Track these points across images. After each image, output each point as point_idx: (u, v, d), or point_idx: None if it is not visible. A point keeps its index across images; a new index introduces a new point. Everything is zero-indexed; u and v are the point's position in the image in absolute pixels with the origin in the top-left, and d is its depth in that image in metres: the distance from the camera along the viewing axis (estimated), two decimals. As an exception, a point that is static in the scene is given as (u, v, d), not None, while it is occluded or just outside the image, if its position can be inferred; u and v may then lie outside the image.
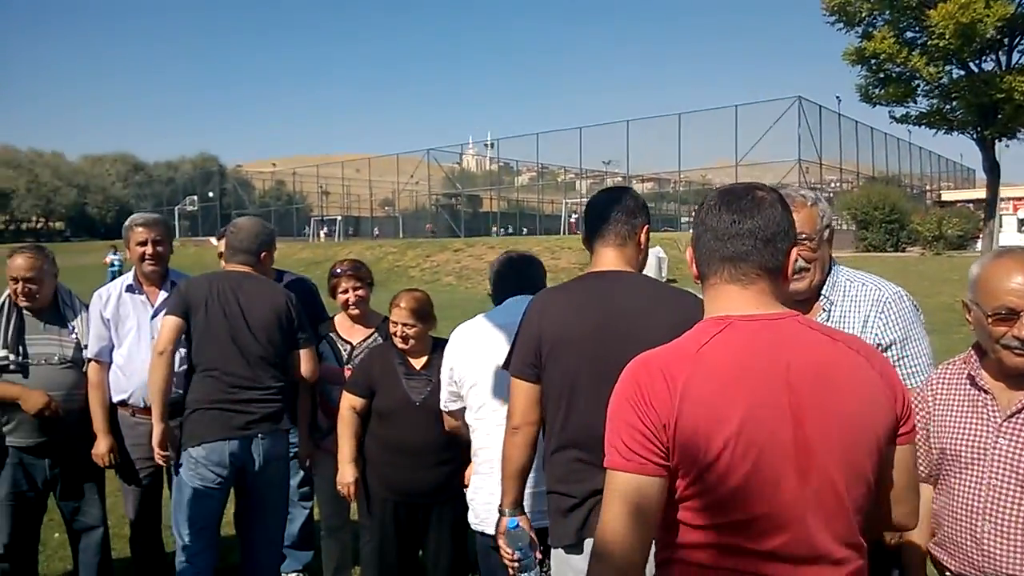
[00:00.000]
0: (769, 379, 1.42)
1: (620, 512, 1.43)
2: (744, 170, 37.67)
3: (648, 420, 1.43)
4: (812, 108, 34.96)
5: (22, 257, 3.53)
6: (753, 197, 1.54)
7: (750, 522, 1.41)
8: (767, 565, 1.41)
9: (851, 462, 1.44)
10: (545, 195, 52.72)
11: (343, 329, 3.78)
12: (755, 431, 1.39)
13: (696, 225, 1.60)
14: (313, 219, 55.17)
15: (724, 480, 1.39)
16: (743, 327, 1.47)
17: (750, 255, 1.50)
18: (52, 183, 69.46)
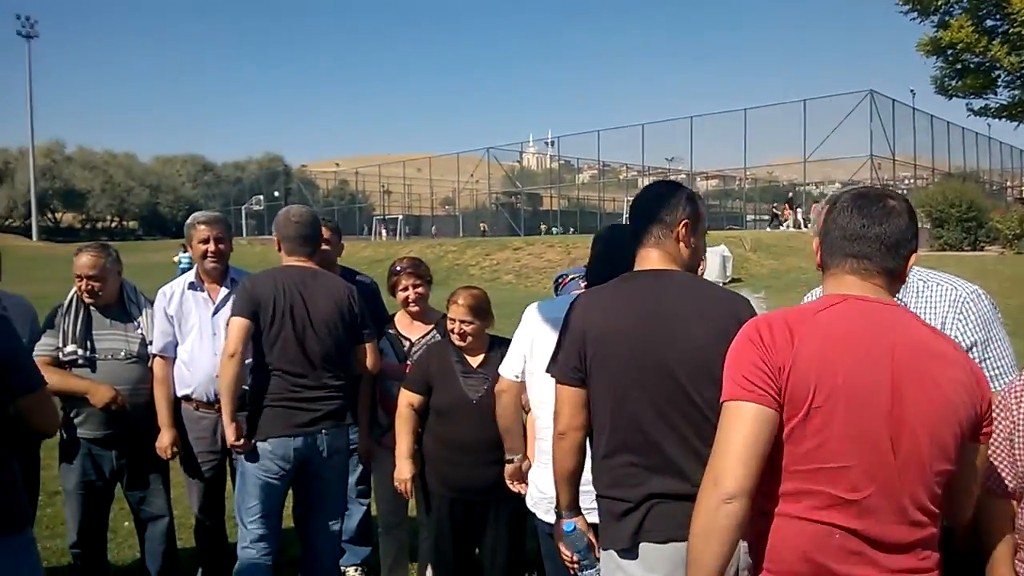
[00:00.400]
0: (876, 349, 1.59)
1: (737, 440, 1.59)
2: (813, 166, 36.70)
3: (769, 360, 1.60)
4: (885, 102, 33.74)
5: (86, 255, 3.61)
6: (884, 205, 1.71)
7: (843, 471, 1.56)
8: (854, 518, 1.56)
9: (937, 440, 1.58)
10: (606, 193, 52.27)
11: (402, 326, 3.80)
12: (857, 390, 1.56)
13: (827, 221, 1.76)
14: (375, 218, 55.96)
15: (823, 428, 1.57)
16: (859, 303, 1.66)
17: (873, 257, 1.69)
18: (126, 183, 72.03)
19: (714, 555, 1.59)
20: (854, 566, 1.57)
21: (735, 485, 1.57)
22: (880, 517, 1.57)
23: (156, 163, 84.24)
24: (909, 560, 1.59)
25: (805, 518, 1.59)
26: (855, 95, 33.34)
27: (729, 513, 1.57)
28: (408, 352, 3.72)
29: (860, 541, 1.57)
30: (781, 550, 1.62)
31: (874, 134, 32.75)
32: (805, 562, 1.59)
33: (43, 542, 4.37)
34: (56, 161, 70.43)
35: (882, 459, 1.56)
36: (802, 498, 1.60)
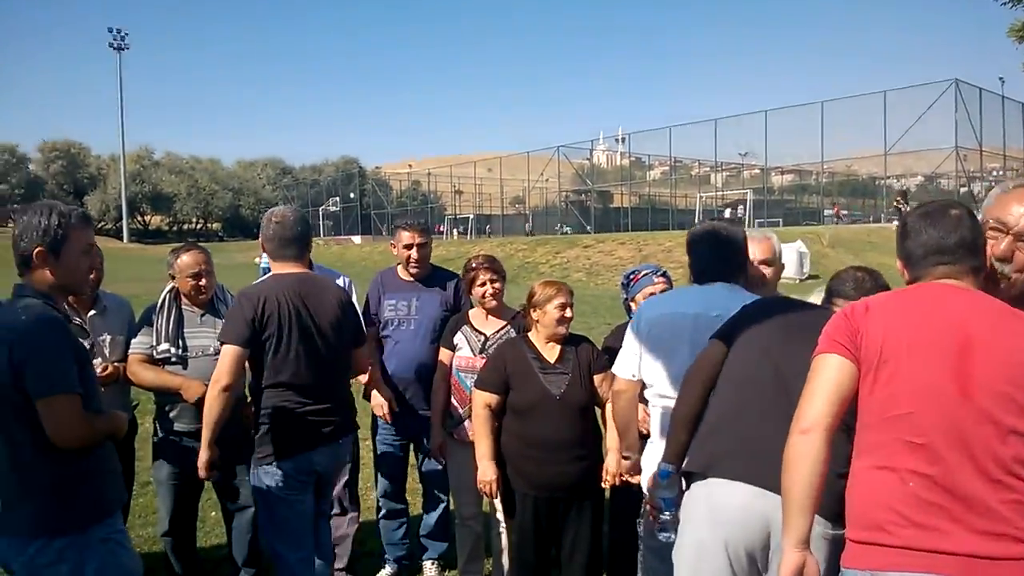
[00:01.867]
0: (945, 314, 1.80)
1: (816, 383, 1.84)
2: (894, 159, 35.35)
3: (848, 326, 1.85)
4: (971, 91, 32.24)
5: (189, 255, 3.76)
6: (950, 215, 1.92)
7: (907, 416, 1.72)
8: (924, 462, 1.68)
9: (1014, 397, 1.68)
10: (678, 189, 51.56)
11: (478, 321, 3.85)
12: (920, 346, 1.75)
13: (904, 246, 1.98)
14: (447, 217, 56.54)
15: (890, 380, 1.76)
16: (935, 286, 1.89)
17: (959, 262, 1.89)
18: (210, 187, 74.63)
19: (794, 482, 1.78)
20: (935, 518, 1.66)
21: (811, 419, 1.79)
22: (951, 465, 1.67)
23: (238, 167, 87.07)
24: (1000, 525, 1.63)
25: (881, 467, 1.74)
26: (939, 84, 31.96)
27: (804, 442, 1.78)
28: (483, 346, 3.77)
29: (937, 491, 1.67)
30: (863, 503, 1.77)
31: (959, 124, 31.32)
32: (886, 510, 1.71)
33: (136, 530, 4.62)
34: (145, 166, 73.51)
35: (946, 408, 1.70)
36: (877, 449, 1.77)
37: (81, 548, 2.40)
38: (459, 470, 3.90)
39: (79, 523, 2.41)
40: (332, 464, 3.44)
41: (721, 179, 49.59)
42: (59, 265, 2.47)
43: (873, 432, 1.78)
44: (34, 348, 2.32)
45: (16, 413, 2.33)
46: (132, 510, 4.69)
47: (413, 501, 4.83)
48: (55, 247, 2.45)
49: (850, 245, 25.89)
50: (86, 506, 2.44)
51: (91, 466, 2.47)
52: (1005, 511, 1.64)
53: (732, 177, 50.17)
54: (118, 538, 2.55)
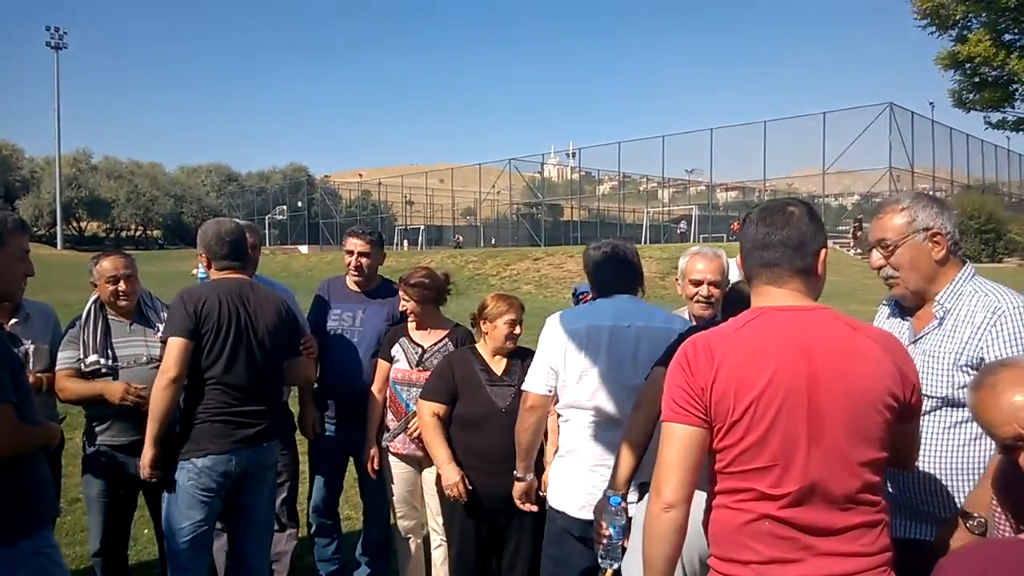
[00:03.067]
0: (790, 357, 1.74)
1: (669, 456, 1.80)
2: (832, 178, 36.45)
3: (692, 383, 1.78)
4: (904, 114, 33.51)
5: (109, 260, 3.66)
6: (784, 212, 1.87)
7: (767, 470, 1.73)
8: (782, 508, 1.72)
9: (859, 428, 1.73)
10: (627, 204, 52.23)
11: (414, 333, 3.83)
12: (774, 397, 1.72)
13: (741, 237, 1.94)
14: (397, 228, 56.25)
15: (748, 433, 1.73)
16: (774, 315, 1.81)
17: (781, 261, 1.84)
18: (151, 193, 72.75)
19: (660, 555, 1.82)
20: (787, 551, 1.73)
21: (672, 495, 1.78)
22: (808, 507, 1.73)
23: (181, 173, 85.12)
24: (845, 543, 1.73)
25: (739, 508, 1.78)
26: (874, 108, 33.17)
27: (670, 519, 1.79)
28: (421, 358, 3.76)
29: (791, 528, 1.73)
30: (722, 536, 1.82)
31: (893, 146, 32.53)
32: (742, 547, 1.77)
33: (64, 549, 4.44)
34: (82, 170, 71.38)
35: (801, 457, 1.72)
36: (736, 493, 1.79)
37: (10, 561, 2.32)
38: (396, 483, 3.88)
39: (8, 535, 2.33)
40: (253, 467, 3.34)
41: (668, 195, 50.45)
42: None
43: (730, 480, 1.79)
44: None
45: None
46: (59, 528, 4.53)
47: (355, 515, 4.77)
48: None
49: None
50: (16, 518, 2.36)
51: (22, 477, 2.40)
52: (854, 532, 1.75)
53: (679, 193, 51.06)
54: (50, 552, 2.47)
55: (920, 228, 2.27)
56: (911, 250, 2.28)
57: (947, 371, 2.20)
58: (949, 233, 2.28)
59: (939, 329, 2.25)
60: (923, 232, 2.27)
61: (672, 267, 26.25)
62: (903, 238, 2.28)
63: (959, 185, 38.76)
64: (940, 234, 2.27)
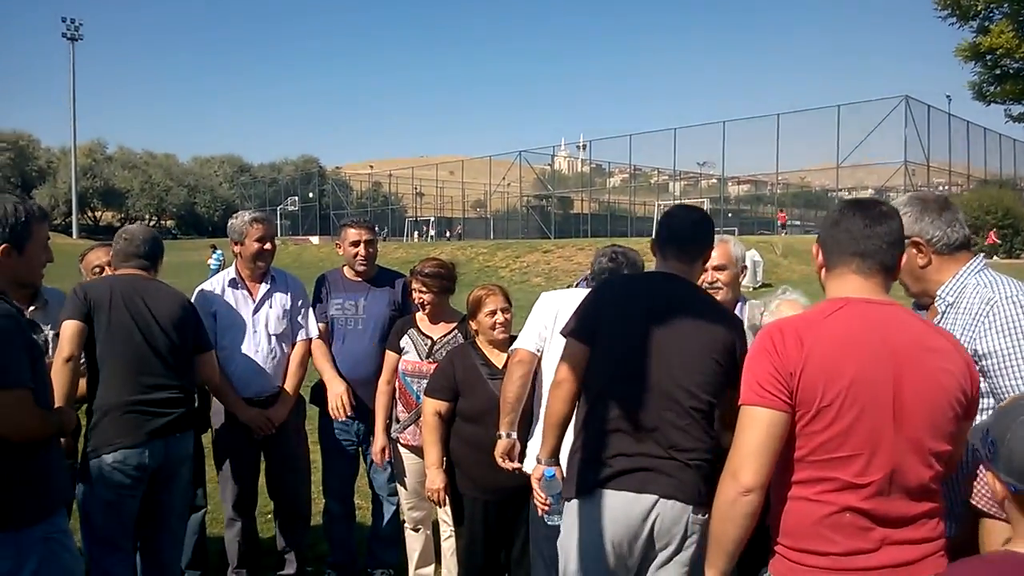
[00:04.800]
0: (877, 349, 1.80)
1: (751, 440, 1.83)
2: (846, 172, 36.25)
3: (781, 367, 1.81)
4: (920, 108, 33.27)
5: (93, 252, 3.80)
6: (880, 209, 1.96)
7: (852, 459, 1.77)
8: (864, 499, 1.77)
9: (936, 424, 1.79)
10: (637, 197, 52.14)
11: (424, 324, 3.83)
12: (862, 389, 1.77)
13: (829, 226, 2.00)
14: (407, 220, 56.33)
15: (834, 422, 1.77)
16: (860, 306, 1.86)
17: (876, 253, 1.90)
18: (164, 183, 73.28)
19: (731, 538, 1.88)
20: (866, 542, 1.78)
21: (751, 480, 1.82)
22: (887, 497, 1.78)
23: (194, 163, 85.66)
24: (914, 531, 1.80)
25: (819, 500, 1.81)
26: (889, 100, 32.93)
27: (746, 503, 1.83)
28: (431, 350, 3.76)
29: (869, 519, 1.78)
30: (797, 527, 1.84)
31: (908, 140, 32.33)
32: (821, 539, 1.80)
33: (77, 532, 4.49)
34: (97, 160, 71.96)
35: (886, 448, 1.77)
36: (816, 484, 1.81)
37: (20, 546, 2.34)
38: (406, 475, 3.89)
39: (20, 520, 2.35)
40: (169, 460, 3.27)
41: (679, 187, 50.26)
42: (21, 260, 2.46)
43: (812, 469, 1.82)
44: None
45: None
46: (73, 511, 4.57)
47: (365, 505, 4.79)
48: (19, 242, 2.44)
49: (802, 254, 26.41)
50: (28, 503, 2.38)
51: (37, 462, 2.42)
52: (921, 520, 1.82)
53: (690, 186, 50.88)
54: (60, 538, 2.49)
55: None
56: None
57: None
58: (934, 238, 2.26)
59: (941, 323, 2.24)
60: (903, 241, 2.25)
61: (683, 260, 26.45)
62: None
63: (976, 180, 38.45)
64: (919, 242, 2.26)
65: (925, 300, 2.35)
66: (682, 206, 2.86)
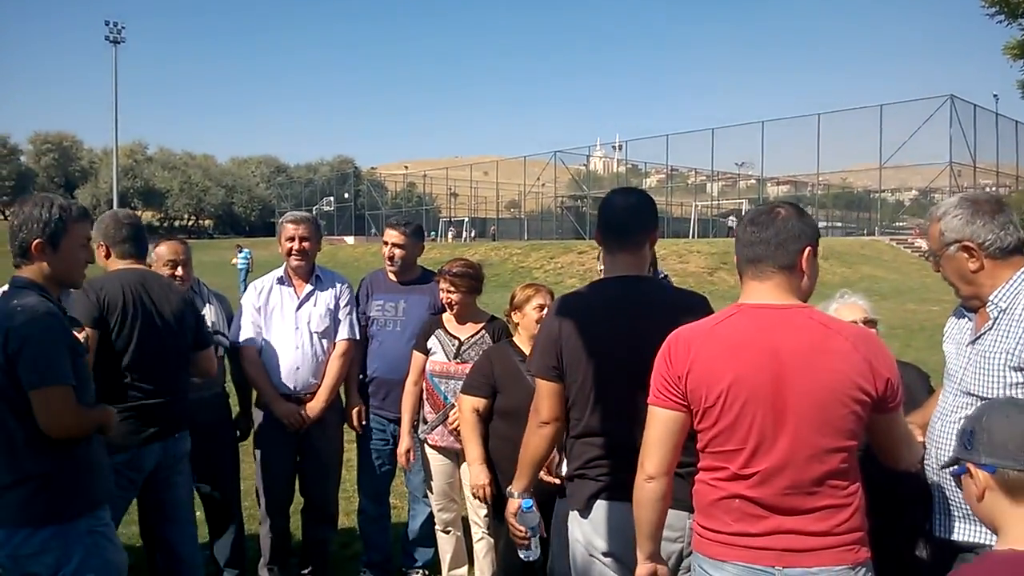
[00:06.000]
0: (760, 351, 1.92)
1: (652, 434, 2.05)
2: (889, 172, 35.54)
3: (670, 373, 2.01)
4: (966, 107, 32.49)
5: (167, 244, 3.79)
6: (771, 213, 2.03)
7: (736, 452, 1.94)
8: (751, 488, 1.92)
9: (824, 418, 1.88)
10: (674, 198, 51.68)
11: (451, 325, 3.83)
12: (742, 388, 1.91)
13: (735, 239, 2.11)
14: (441, 220, 56.54)
15: (719, 419, 1.95)
16: (751, 312, 2.00)
17: (766, 257, 1.99)
18: (203, 183, 74.35)
19: (645, 521, 2.08)
20: (749, 524, 1.94)
21: (652, 468, 2.03)
22: (774, 488, 1.91)
23: (232, 164, 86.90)
24: (812, 523, 1.91)
25: (714, 485, 2.00)
26: (934, 100, 32.23)
27: (650, 489, 2.04)
28: (458, 351, 3.76)
29: (759, 507, 1.93)
30: (699, 505, 2.06)
31: (954, 140, 31.58)
32: (713, 516, 2.00)
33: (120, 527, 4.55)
34: (138, 161, 73.32)
35: (770, 443, 1.90)
36: (713, 471, 2.01)
37: (66, 539, 2.40)
38: (434, 476, 3.89)
39: (66, 514, 2.41)
40: (166, 460, 3.26)
41: (717, 188, 49.76)
42: (57, 258, 2.50)
43: (708, 459, 2.01)
44: (28, 339, 2.33)
45: (9, 403, 2.35)
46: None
47: (401, 505, 4.79)
48: (54, 240, 2.48)
49: (843, 257, 26.00)
50: (74, 498, 2.44)
51: (80, 458, 2.47)
52: (820, 513, 1.91)
53: (728, 187, 50.33)
54: (105, 531, 2.54)
55: (950, 241, 2.24)
56: (949, 262, 2.27)
57: (999, 371, 2.15)
58: (987, 242, 2.19)
59: (994, 329, 2.19)
60: (954, 244, 2.23)
61: (721, 262, 25.81)
62: (940, 250, 2.28)
63: (1024, 180, 37.48)
64: (970, 246, 2.20)
65: (975, 304, 2.28)
66: (618, 190, 2.72)
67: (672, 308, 2.38)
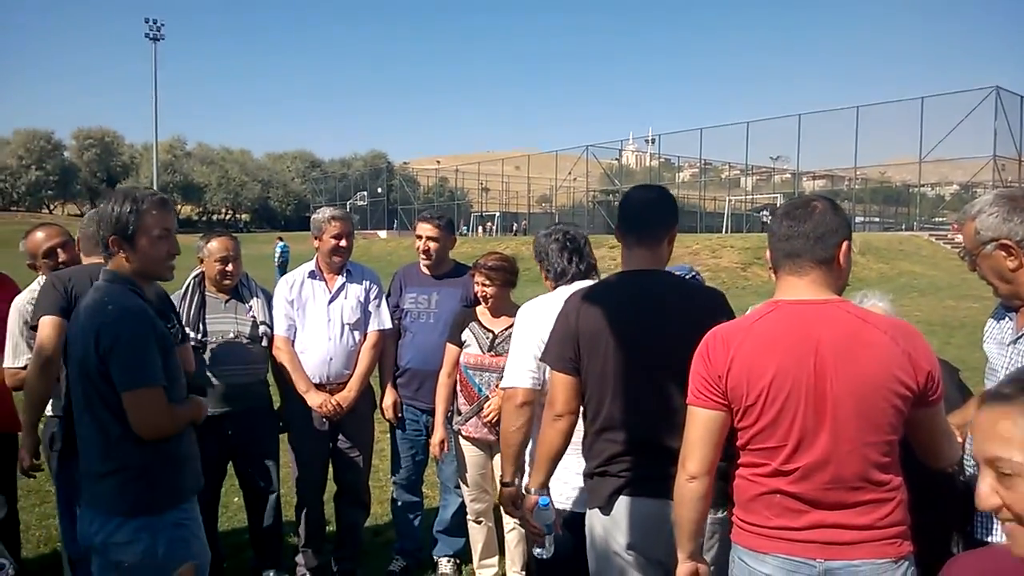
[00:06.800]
0: (799, 347, 1.91)
1: (693, 434, 2.03)
2: (929, 167, 34.83)
3: (710, 372, 1.99)
4: (1012, 99, 31.67)
5: (219, 240, 3.85)
6: (807, 207, 2.02)
7: (778, 449, 1.93)
8: (792, 484, 1.92)
9: (865, 413, 1.87)
10: (708, 192, 51.19)
11: (485, 318, 3.88)
12: (782, 385, 1.91)
13: (768, 236, 2.09)
14: (473, 214, 56.65)
15: (760, 417, 1.94)
16: (788, 308, 1.98)
17: (804, 251, 1.98)
18: (240, 178, 75.50)
19: (686, 519, 2.07)
20: (790, 519, 1.95)
21: (694, 468, 2.01)
22: (815, 483, 1.91)
23: (268, 159, 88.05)
24: (853, 517, 1.91)
25: (755, 481, 2.00)
26: (978, 92, 31.46)
27: (692, 488, 2.02)
28: (492, 344, 3.80)
29: (799, 502, 1.93)
30: (740, 500, 2.06)
31: (999, 133, 30.80)
32: (754, 511, 2.00)
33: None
34: (177, 156, 74.66)
35: (809, 439, 1.90)
36: (754, 467, 2.00)
37: (155, 530, 2.42)
38: (468, 467, 3.93)
39: (156, 506, 2.43)
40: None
41: (751, 183, 49.19)
42: (134, 252, 2.48)
43: (750, 455, 2.01)
44: (119, 338, 2.33)
45: (103, 399, 2.36)
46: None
47: (433, 495, 4.85)
48: (127, 235, 2.46)
49: (881, 252, 25.57)
50: (164, 491, 2.46)
51: (171, 452, 2.49)
52: (863, 508, 1.91)
53: (762, 181, 49.73)
54: (190, 525, 2.55)
55: (987, 239, 2.20)
56: (986, 260, 2.23)
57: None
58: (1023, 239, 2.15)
59: None
60: (991, 243, 2.19)
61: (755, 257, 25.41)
62: (976, 249, 2.23)
63: (1070, 175, 36.50)
64: (1008, 244, 2.16)
65: (1016, 303, 2.25)
66: (639, 187, 2.75)
67: (687, 302, 2.41)
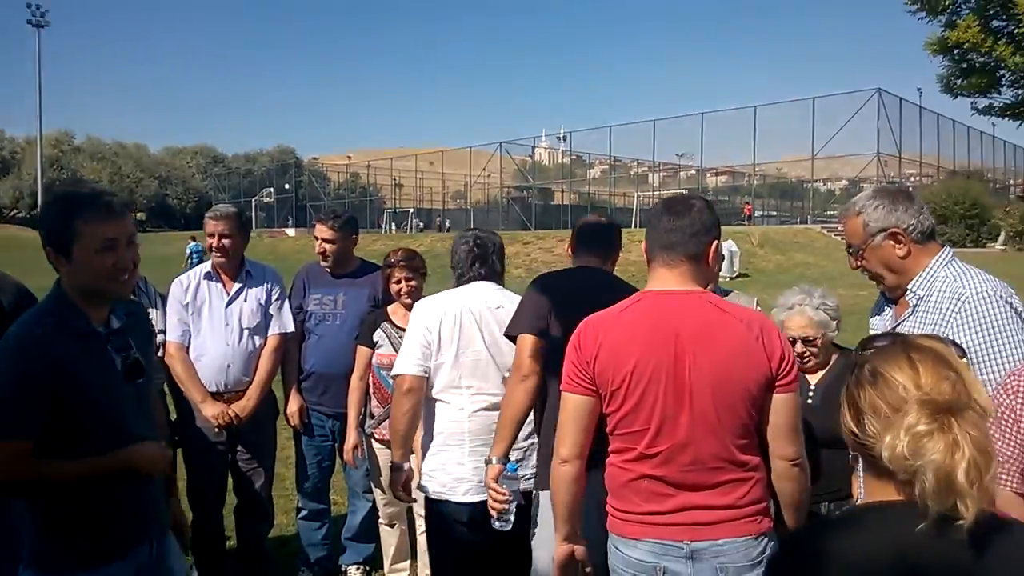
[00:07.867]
0: (661, 335, 2.02)
1: (564, 419, 2.14)
2: (820, 163, 36.62)
3: (579, 359, 2.10)
4: (892, 100, 33.62)
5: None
6: (686, 203, 2.15)
7: (641, 433, 2.03)
8: (656, 467, 2.02)
9: (722, 397, 1.99)
10: (617, 188, 52.15)
11: (398, 317, 3.77)
12: (644, 370, 2.01)
13: (647, 227, 2.20)
14: (386, 211, 55.98)
15: (625, 401, 2.04)
16: (654, 298, 2.10)
17: (678, 245, 2.09)
18: (135, 174, 71.99)
19: (561, 502, 2.17)
20: (657, 504, 2.04)
21: (565, 452, 2.12)
22: (678, 465, 2.01)
23: (166, 154, 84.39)
24: (715, 497, 2.01)
25: (624, 467, 2.09)
26: (863, 93, 33.30)
27: (564, 471, 2.13)
28: None
29: (665, 484, 2.03)
30: (611, 487, 2.14)
31: (881, 132, 32.72)
32: (624, 498, 2.09)
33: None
34: (64, 151, 70.67)
35: (671, 423, 2.00)
36: (622, 452, 2.10)
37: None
38: (383, 470, 3.83)
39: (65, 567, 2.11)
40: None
41: (658, 179, 50.43)
42: (72, 266, 2.07)
43: (617, 441, 2.10)
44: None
45: None
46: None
47: (341, 500, 4.75)
48: (62, 246, 2.07)
49: (778, 245, 26.69)
50: (70, 550, 2.10)
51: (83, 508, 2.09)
52: (723, 488, 2.01)
53: (669, 177, 51.07)
54: (150, 565, 2.21)
55: (876, 231, 2.28)
56: (875, 253, 2.31)
57: None
58: (910, 227, 2.26)
59: (912, 317, 2.26)
60: (880, 233, 2.28)
61: (660, 251, 26.50)
62: (864, 243, 2.31)
63: (945, 171, 39.05)
64: (898, 231, 2.26)
65: (898, 294, 2.35)
66: (591, 217, 3.23)
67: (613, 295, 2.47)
